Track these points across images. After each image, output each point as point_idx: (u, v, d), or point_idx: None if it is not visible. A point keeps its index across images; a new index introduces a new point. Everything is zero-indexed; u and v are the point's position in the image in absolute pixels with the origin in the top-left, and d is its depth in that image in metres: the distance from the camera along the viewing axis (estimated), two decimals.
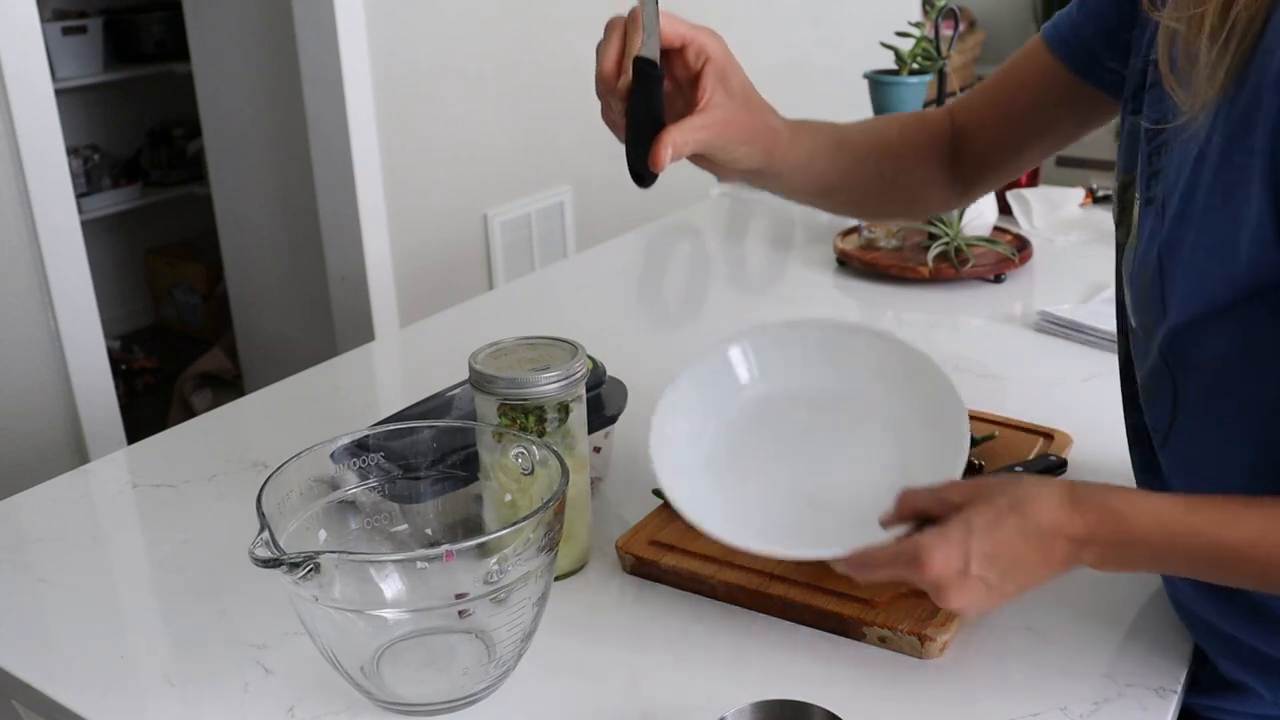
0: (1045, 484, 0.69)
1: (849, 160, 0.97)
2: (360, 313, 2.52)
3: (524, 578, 0.74)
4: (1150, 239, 0.74)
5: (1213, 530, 0.65)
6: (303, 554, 0.68)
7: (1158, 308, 0.73)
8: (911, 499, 0.72)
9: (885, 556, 0.69)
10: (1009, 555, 0.67)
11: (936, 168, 1.02)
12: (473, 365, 0.86)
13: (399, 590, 0.75)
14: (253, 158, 2.70)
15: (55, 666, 0.82)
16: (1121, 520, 0.66)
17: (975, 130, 1.00)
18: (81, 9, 3.54)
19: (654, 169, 0.79)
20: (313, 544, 0.80)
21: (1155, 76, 0.76)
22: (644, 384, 1.12)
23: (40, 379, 2.02)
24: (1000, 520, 0.67)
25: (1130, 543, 0.67)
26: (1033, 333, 1.39)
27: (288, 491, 0.79)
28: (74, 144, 3.49)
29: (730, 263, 1.77)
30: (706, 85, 0.81)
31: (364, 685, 0.76)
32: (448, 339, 1.46)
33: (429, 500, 0.88)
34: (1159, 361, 0.74)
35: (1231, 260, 0.66)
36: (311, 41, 2.36)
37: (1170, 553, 0.67)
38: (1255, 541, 0.65)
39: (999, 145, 1.00)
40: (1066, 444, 1.05)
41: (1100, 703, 0.75)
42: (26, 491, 1.08)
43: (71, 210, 1.99)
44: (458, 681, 0.76)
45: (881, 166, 1.00)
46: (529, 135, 2.79)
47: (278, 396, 1.29)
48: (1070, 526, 0.67)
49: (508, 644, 0.76)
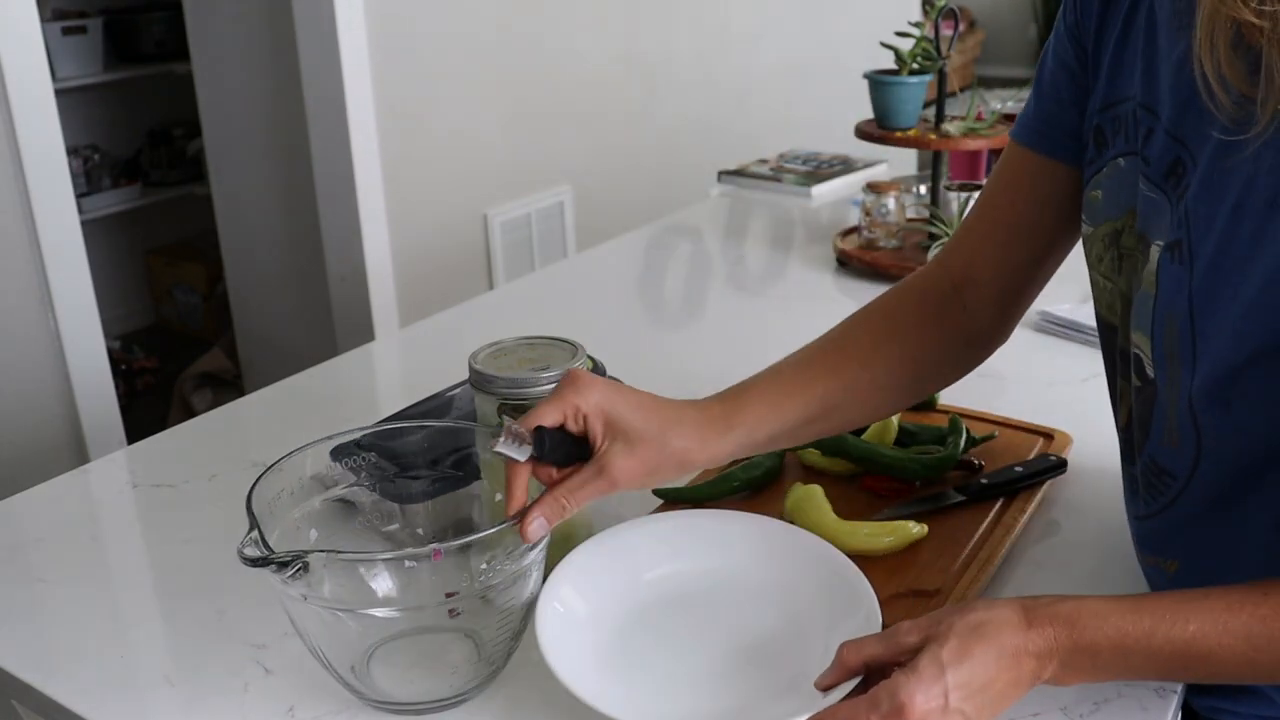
0: (996, 605, 0.68)
1: (839, 390, 0.87)
2: (360, 313, 2.52)
3: (512, 577, 0.74)
4: (1176, 288, 0.72)
5: (1164, 628, 0.66)
6: (291, 553, 0.69)
7: (1188, 359, 0.71)
8: (858, 649, 0.69)
9: (861, 708, 0.65)
10: (982, 682, 0.66)
11: (950, 333, 0.93)
12: (473, 365, 0.86)
13: (389, 589, 0.75)
14: (253, 158, 2.70)
15: (55, 666, 0.82)
16: (1075, 626, 0.66)
17: (980, 269, 0.92)
18: (81, 9, 3.54)
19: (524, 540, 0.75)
20: (303, 543, 0.80)
21: (1152, 123, 0.75)
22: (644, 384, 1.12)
23: (40, 379, 2.02)
24: (966, 649, 0.66)
25: (1088, 649, 0.66)
26: (1033, 333, 1.38)
27: (279, 491, 0.79)
28: (74, 144, 3.48)
29: (730, 263, 1.77)
30: (597, 436, 0.78)
31: (354, 685, 0.76)
32: (448, 339, 1.46)
33: (422, 501, 0.88)
34: (1184, 411, 0.73)
35: (1273, 306, 0.65)
36: (311, 41, 2.35)
37: (1130, 655, 0.67)
38: (1207, 633, 0.65)
39: (1013, 272, 0.93)
40: (1066, 444, 1.05)
41: (1100, 703, 0.75)
42: (26, 491, 1.08)
43: (71, 210, 1.99)
44: (446, 680, 0.76)
45: (890, 369, 0.90)
46: (529, 135, 2.79)
47: (278, 396, 1.29)
48: (1031, 642, 0.66)
49: (497, 643, 0.76)
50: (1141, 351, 0.78)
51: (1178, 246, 0.72)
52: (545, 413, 0.76)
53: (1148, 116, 0.76)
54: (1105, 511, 0.96)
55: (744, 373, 0.88)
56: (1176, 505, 0.78)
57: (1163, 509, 0.80)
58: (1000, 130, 1.63)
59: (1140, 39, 0.77)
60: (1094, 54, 0.83)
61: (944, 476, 0.99)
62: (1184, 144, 0.72)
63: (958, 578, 0.86)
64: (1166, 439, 0.77)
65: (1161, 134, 0.74)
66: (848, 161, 2.22)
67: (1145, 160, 0.76)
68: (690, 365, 1.32)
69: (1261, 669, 0.67)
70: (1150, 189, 0.76)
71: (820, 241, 1.78)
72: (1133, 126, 0.78)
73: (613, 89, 2.99)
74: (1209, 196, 0.69)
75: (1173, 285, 0.72)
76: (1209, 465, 0.74)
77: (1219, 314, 0.68)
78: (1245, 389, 0.68)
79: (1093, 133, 0.82)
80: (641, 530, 0.86)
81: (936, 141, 1.62)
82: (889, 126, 1.66)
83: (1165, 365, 0.74)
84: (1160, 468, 0.79)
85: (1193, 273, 0.70)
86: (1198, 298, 0.70)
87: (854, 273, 1.63)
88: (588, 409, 0.76)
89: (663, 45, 3.12)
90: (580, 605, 0.79)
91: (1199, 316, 0.70)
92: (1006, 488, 0.97)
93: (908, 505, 0.96)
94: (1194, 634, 0.65)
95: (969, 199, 1.60)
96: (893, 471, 0.99)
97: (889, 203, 1.67)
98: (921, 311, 0.92)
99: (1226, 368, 0.69)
